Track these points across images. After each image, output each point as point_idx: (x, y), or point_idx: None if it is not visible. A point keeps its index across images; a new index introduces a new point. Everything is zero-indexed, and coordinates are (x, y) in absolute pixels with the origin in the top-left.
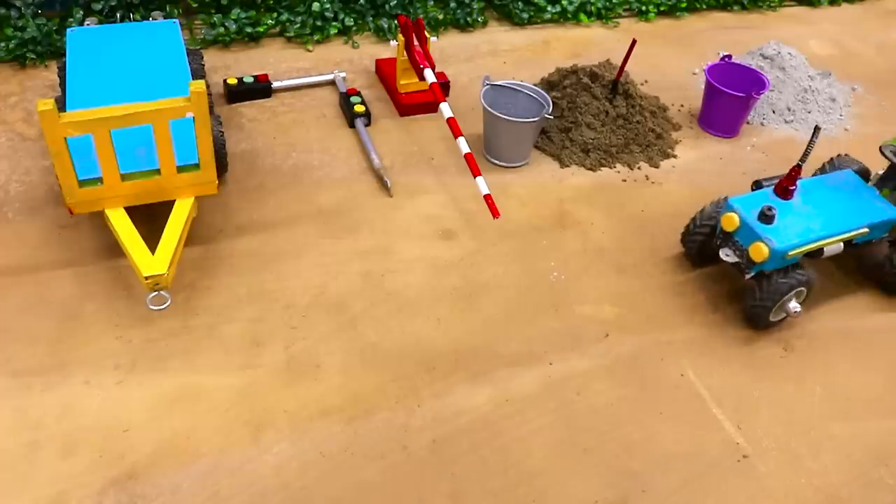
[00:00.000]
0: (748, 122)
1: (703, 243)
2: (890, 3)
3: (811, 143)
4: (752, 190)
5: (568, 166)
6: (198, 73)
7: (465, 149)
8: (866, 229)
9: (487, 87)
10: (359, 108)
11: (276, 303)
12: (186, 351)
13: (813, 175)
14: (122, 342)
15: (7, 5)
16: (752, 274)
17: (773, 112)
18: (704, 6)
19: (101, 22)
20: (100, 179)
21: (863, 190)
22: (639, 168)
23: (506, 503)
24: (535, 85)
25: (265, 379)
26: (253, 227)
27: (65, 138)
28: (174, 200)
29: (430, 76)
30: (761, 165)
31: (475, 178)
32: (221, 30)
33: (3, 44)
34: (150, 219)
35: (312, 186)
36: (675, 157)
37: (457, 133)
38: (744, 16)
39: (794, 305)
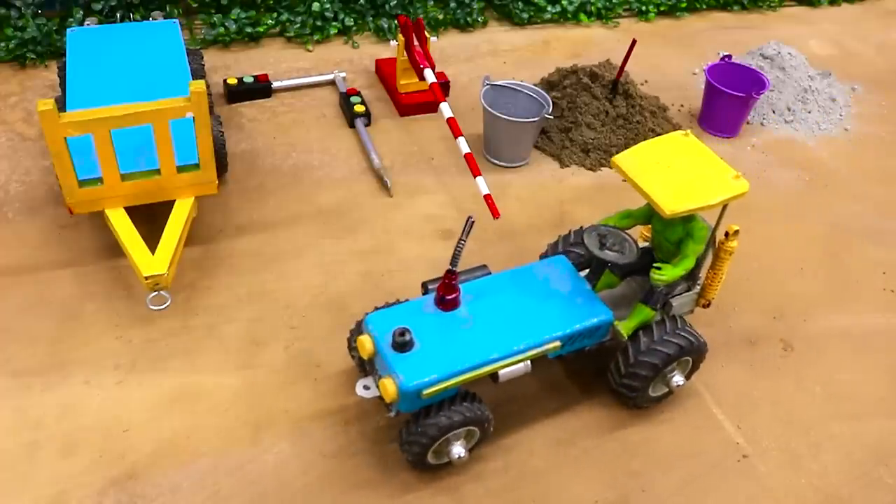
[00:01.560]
0: (748, 122)
1: (361, 359)
2: (890, 3)
3: (461, 241)
4: (423, 293)
5: (568, 166)
6: (198, 73)
7: (465, 149)
8: (557, 343)
9: (487, 87)
10: (359, 108)
11: (276, 303)
12: (186, 351)
13: (542, 256)
14: (122, 342)
15: (7, 5)
16: (394, 414)
17: (773, 112)
18: (704, 6)
19: (101, 22)
20: (100, 179)
21: (571, 285)
22: None
23: (506, 503)
24: (535, 85)
25: (265, 379)
26: (253, 227)
27: (65, 138)
28: (174, 200)
29: (430, 76)
30: (761, 166)
31: (475, 178)
32: (221, 30)
33: (3, 44)
34: (150, 219)
35: (312, 186)
36: None
37: (457, 133)
38: (744, 16)
39: (457, 450)
